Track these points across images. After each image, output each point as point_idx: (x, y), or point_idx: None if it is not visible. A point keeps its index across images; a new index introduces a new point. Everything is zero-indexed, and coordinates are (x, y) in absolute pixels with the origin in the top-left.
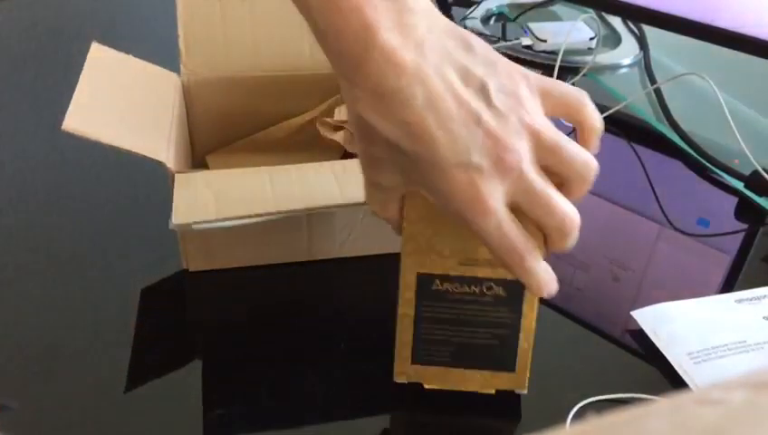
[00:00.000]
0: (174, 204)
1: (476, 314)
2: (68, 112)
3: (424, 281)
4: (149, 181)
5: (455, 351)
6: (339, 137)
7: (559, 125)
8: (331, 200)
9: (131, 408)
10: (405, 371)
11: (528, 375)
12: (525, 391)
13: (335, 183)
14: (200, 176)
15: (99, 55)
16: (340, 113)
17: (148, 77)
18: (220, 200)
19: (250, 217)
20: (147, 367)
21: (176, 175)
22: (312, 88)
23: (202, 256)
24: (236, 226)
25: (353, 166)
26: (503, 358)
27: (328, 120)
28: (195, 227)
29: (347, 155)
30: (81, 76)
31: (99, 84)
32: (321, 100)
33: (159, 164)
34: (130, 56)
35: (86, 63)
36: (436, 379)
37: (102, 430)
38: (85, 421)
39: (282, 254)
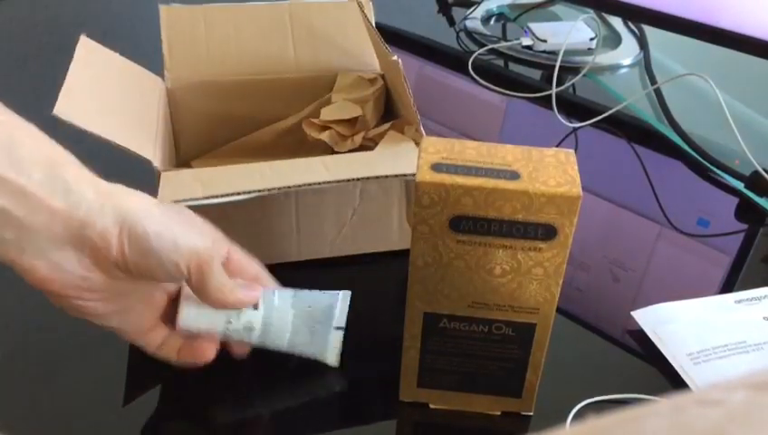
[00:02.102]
0: (160, 188)
1: (484, 349)
2: (59, 98)
3: (430, 319)
4: (150, 182)
5: (461, 378)
6: (325, 136)
7: (557, 127)
8: (320, 178)
9: (130, 408)
10: (410, 393)
11: (535, 399)
12: (532, 413)
13: (324, 168)
14: (187, 172)
15: (87, 49)
16: (327, 114)
17: (134, 78)
18: (207, 184)
19: (238, 193)
20: (144, 368)
21: (162, 173)
22: (297, 91)
23: None
24: (225, 203)
25: (342, 158)
26: (510, 386)
27: (314, 120)
28: (179, 204)
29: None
30: (71, 66)
31: (88, 77)
32: (307, 103)
33: (146, 162)
34: (116, 54)
35: (75, 55)
36: (442, 400)
37: (101, 429)
38: (85, 422)
39: (270, 254)
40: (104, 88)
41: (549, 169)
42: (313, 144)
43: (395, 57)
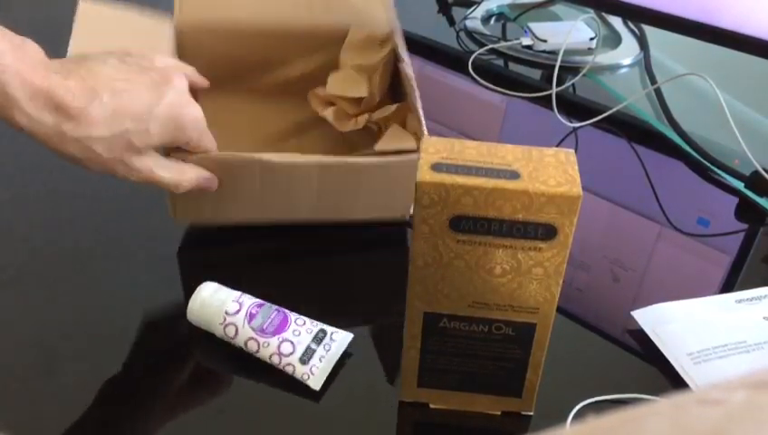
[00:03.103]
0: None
1: (485, 349)
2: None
3: (431, 319)
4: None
5: (461, 378)
6: (329, 114)
7: (557, 127)
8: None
9: (131, 407)
10: (410, 393)
11: (535, 399)
12: (532, 413)
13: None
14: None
15: (88, 11)
16: (333, 86)
17: (139, 28)
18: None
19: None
20: (145, 368)
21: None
22: (308, 39)
23: (191, 208)
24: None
25: (338, 169)
26: (510, 386)
27: (319, 93)
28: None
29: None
30: (72, 32)
31: (91, 39)
32: (314, 50)
33: None
34: (120, 8)
35: (76, 19)
36: (442, 400)
37: (101, 430)
38: (85, 422)
39: (267, 210)
40: (109, 44)
41: (549, 169)
42: (315, 94)
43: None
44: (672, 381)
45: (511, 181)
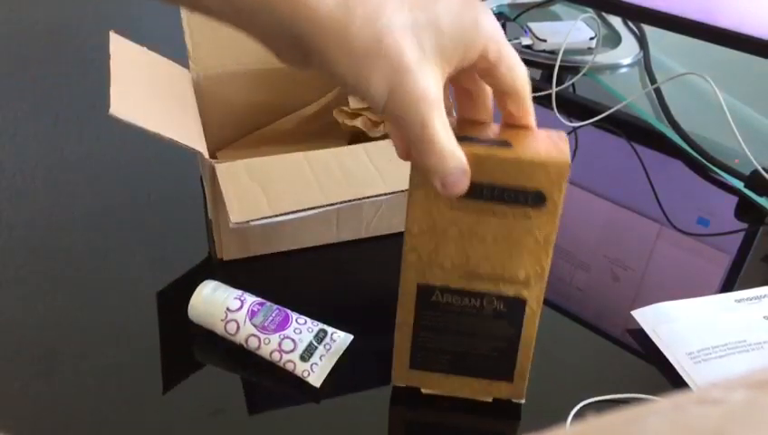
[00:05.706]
0: (227, 201)
1: (476, 326)
2: (111, 99)
3: (424, 291)
4: (149, 182)
5: (453, 359)
6: (359, 123)
7: (557, 126)
8: (376, 189)
9: (131, 407)
10: (403, 375)
11: (526, 385)
12: (523, 401)
13: (374, 169)
14: (241, 166)
15: (120, 46)
16: (356, 102)
17: (165, 71)
18: (270, 194)
19: (303, 210)
20: (145, 368)
21: (216, 166)
22: (320, 78)
23: (236, 246)
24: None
25: (383, 147)
26: (501, 368)
27: (345, 108)
28: (252, 223)
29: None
30: (111, 64)
31: (128, 74)
32: (329, 89)
33: (197, 154)
34: (145, 48)
35: (111, 52)
36: (434, 384)
37: (101, 430)
38: (85, 422)
39: (311, 239)
40: (143, 82)
41: (539, 143)
42: (333, 130)
43: None
44: (672, 380)
45: (502, 149)
